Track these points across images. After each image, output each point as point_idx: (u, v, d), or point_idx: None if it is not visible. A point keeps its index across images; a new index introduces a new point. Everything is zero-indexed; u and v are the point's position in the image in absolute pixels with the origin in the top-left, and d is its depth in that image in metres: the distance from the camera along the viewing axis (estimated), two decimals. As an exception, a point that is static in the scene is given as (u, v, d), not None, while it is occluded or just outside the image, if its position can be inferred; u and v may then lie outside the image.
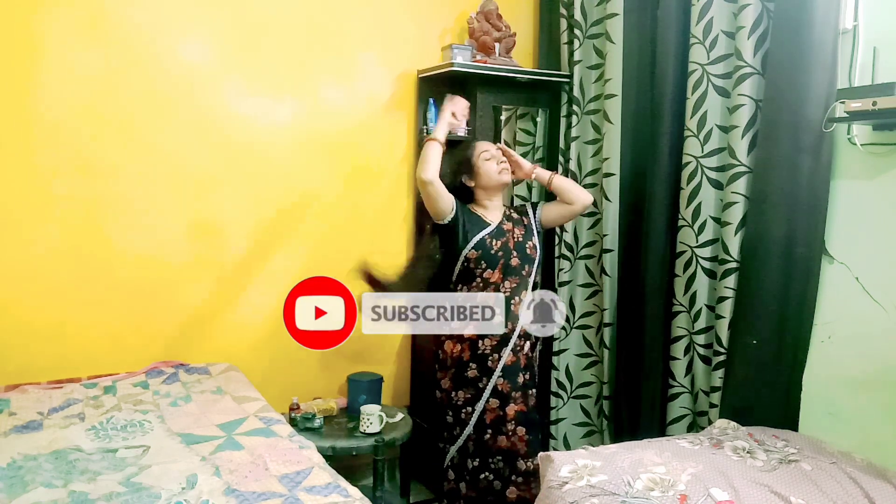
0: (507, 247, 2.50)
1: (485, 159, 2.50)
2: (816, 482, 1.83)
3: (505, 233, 2.52)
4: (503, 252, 2.49)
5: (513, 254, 2.50)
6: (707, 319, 2.51)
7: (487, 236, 2.48)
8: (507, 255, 2.50)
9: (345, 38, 3.01)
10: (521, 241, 2.53)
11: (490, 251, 2.47)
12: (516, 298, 2.51)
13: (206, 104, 2.78)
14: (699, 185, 2.49)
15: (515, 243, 2.52)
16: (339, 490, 1.72)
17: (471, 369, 2.49)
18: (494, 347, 2.48)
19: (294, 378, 3.03)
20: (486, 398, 2.48)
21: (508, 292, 2.49)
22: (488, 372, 2.48)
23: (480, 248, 2.46)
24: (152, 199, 2.72)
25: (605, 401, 2.98)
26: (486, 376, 2.48)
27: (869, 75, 2.05)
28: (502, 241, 2.50)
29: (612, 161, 2.85)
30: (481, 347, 2.48)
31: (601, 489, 1.79)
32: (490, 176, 2.51)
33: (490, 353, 2.48)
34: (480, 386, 2.48)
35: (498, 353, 2.48)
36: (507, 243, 2.50)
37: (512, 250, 2.50)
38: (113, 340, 2.68)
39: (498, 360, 2.48)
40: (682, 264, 2.57)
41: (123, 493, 1.65)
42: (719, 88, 2.44)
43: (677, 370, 2.62)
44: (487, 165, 2.50)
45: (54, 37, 2.50)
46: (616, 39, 2.80)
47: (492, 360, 2.48)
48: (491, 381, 2.47)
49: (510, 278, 2.50)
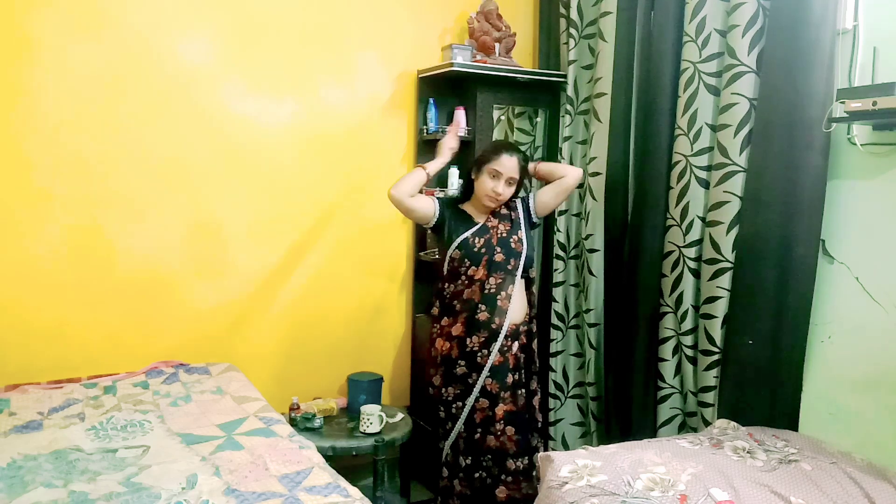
0: (490, 243, 2.53)
1: (490, 175, 2.50)
2: (816, 482, 1.83)
3: (489, 229, 2.55)
4: (486, 248, 2.52)
5: (496, 249, 2.53)
6: (694, 320, 2.50)
7: (470, 235, 2.53)
8: (490, 251, 2.53)
9: (345, 38, 3.01)
10: (506, 237, 2.56)
11: (473, 249, 2.52)
12: (502, 293, 2.53)
13: (206, 104, 2.78)
14: (688, 183, 2.48)
15: (499, 238, 2.55)
16: (339, 490, 1.72)
17: (460, 366, 2.52)
18: (483, 344, 2.51)
19: (294, 378, 3.03)
20: (476, 393, 2.50)
21: (494, 288, 2.52)
22: (478, 368, 2.51)
23: (463, 247, 2.52)
24: (152, 199, 2.72)
25: (592, 401, 2.98)
26: (475, 372, 2.51)
27: (869, 75, 2.04)
28: (485, 237, 2.53)
29: (599, 160, 2.85)
30: (469, 345, 2.51)
31: (601, 489, 1.79)
32: (481, 189, 2.53)
33: (479, 349, 2.51)
34: (470, 382, 2.52)
35: (487, 348, 2.50)
36: (491, 240, 2.54)
37: (495, 246, 2.53)
38: (113, 340, 2.69)
39: (487, 356, 2.50)
40: (670, 264, 2.57)
41: (123, 493, 1.65)
42: (711, 87, 2.43)
43: (666, 371, 2.61)
44: (487, 182, 2.50)
45: (53, 36, 2.50)
46: (608, 38, 2.79)
47: (481, 357, 2.51)
48: (481, 376, 2.50)
49: (495, 274, 2.52)
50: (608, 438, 2.78)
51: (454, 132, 2.71)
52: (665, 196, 2.60)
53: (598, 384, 2.95)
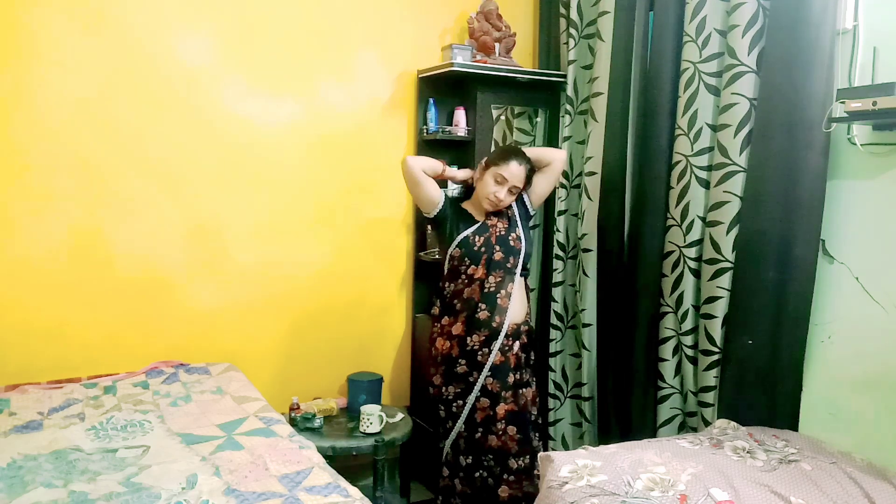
0: (489, 242, 2.54)
1: (494, 178, 2.49)
2: (816, 482, 1.83)
3: (488, 227, 2.56)
4: (486, 247, 2.53)
5: (495, 248, 2.54)
6: (694, 320, 2.50)
7: (471, 234, 2.53)
8: (489, 249, 2.53)
9: (345, 38, 3.01)
10: (504, 235, 2.56)
11: (473, 248, 2.52)
12: (502, 292, 2.53)
13: (206, 104, 2.78)
14: (688, 184, 2.48)
15: (498, 237, 2.55)
16: (339, 490, 1.72)
17: (460, 365, 2.52)
18: (483, 343, 2.51)
19: (294, 378, 3.03)
20: (476, 392, 2.50)
21: (493, 287, 2.52)
22: (478, 367, 2.51)
23: (463, 246, 2.53)
24: (152, 199, 2.72)
25: (586, 402, 2.98)
26: (476, 371, 2.51)
27: (869, 75, 2.04)
28: (485, 236, 2.54)
29: (595, 160, 2.84)
30: (470, 343, 2.52)
31: (601, 489, 1.79)
32: (482, 190, 2.52)
33: (479, 348, 2.51)
34: (471, 381, 2.52)
35: (487, 347, 2.51)
36: (490, 238, 2.54)
37: (494, 245, 2.54)
38: (113, 340, 2.69)
39: (488, 354, 2.50)
40: (671, 264, 2.57)
41: (123, 493, 1.65)
42: (711, 87, 2.42)
43: (666, 371, 2.61)
44: (490, 185, 2.49)
45: (53, 36, 2.50)
46: (606, 37, 2.79)
47: (481, 355, 2.51)
48: (481, 375, 2.50)
49: (494, 272, 2.53)
50: (607, 439, 2.77)
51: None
52: (665, 196, 2.60)
53: (591, 384, 2.95)
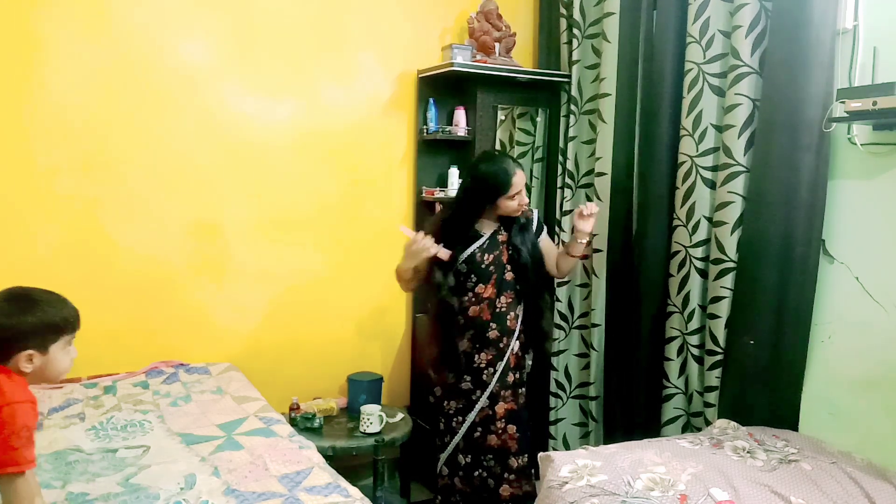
0: (499, 260, 2.44)
1: (511, 199, 2.38)
2: (816, 482, 1.83)
3: (499, 245, 2.45)
4: (496, 267, 2.43)
5: (506, 268, 2.45)
6: (700, 319, 2.50)
7: (478, 251, 2.43)
8: (499, 269, 2.44)
9: (345, 38, 3.01)
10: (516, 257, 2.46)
11: (480, 266, 2.42)
12: (511, 314, 2.47)
13: (207, 104, 2.78)
14: (693, 184, 2.48)
15: (509, 256, 2.46)
16: (339, 490, 1.72)
17: (465, 381, 2.47)
18: (490, 361, 2.45)
19: (294, 378, 3.03)
20: (477, 410, 2.46)
21: (504, 308, 2.45)
22: (482, 385, 2.46)
23: (470, 262, 2.42)
24: (153, 199, 2.72)
25: (592, 401, 2.98)
26: (479, 389, 2.46)
27: (869, 75, 2.04)
28: (495, 254, 2.44)
29: (605, 161, 2.84)
30: (477, 361, 2.46)
31: (601, 489, 1.79)
32: (507, 211, 2.42)
33: (486, 367, 2.46)
34: (473, 398, 2.46)
35: (493, 367, 2.45)
36: (501, 256, 2.45)
37: (506, 264, 2.45)
38: (113, 340, 2.68)
39: (493, 374, 2.45)
40: (677, 264, 2.57)
41: (122, 494, 1.65)
42: (715, 88, 2.43)
43: (671, 371, 2.61)
44: (511, 205, 2.39)
45: (56, 35, 2.50)
46: (612, 38, 2.79)
47: (486, 374, 2.46)
48: (484, 394, 2.45)
49: (505, 293, 2.45)
50: (611, 438, 2.77)
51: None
52: (671, 197, 2.60)
53: (598, 384, 2.95)
